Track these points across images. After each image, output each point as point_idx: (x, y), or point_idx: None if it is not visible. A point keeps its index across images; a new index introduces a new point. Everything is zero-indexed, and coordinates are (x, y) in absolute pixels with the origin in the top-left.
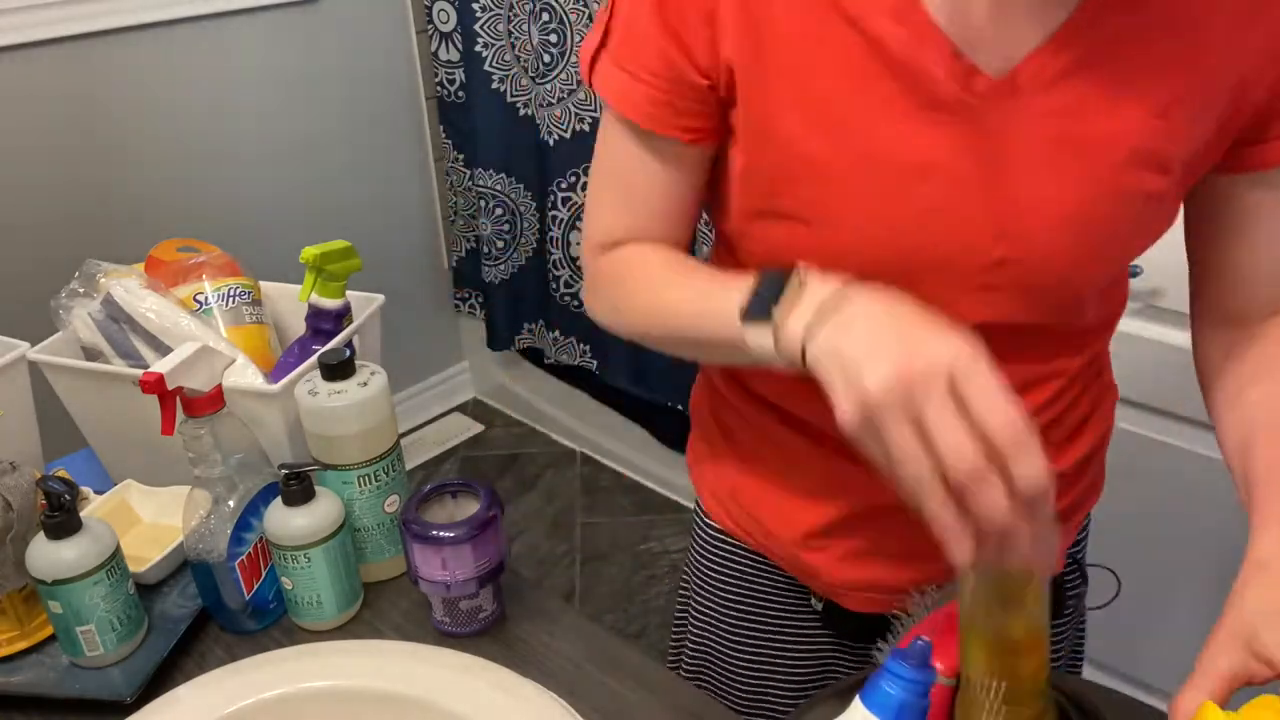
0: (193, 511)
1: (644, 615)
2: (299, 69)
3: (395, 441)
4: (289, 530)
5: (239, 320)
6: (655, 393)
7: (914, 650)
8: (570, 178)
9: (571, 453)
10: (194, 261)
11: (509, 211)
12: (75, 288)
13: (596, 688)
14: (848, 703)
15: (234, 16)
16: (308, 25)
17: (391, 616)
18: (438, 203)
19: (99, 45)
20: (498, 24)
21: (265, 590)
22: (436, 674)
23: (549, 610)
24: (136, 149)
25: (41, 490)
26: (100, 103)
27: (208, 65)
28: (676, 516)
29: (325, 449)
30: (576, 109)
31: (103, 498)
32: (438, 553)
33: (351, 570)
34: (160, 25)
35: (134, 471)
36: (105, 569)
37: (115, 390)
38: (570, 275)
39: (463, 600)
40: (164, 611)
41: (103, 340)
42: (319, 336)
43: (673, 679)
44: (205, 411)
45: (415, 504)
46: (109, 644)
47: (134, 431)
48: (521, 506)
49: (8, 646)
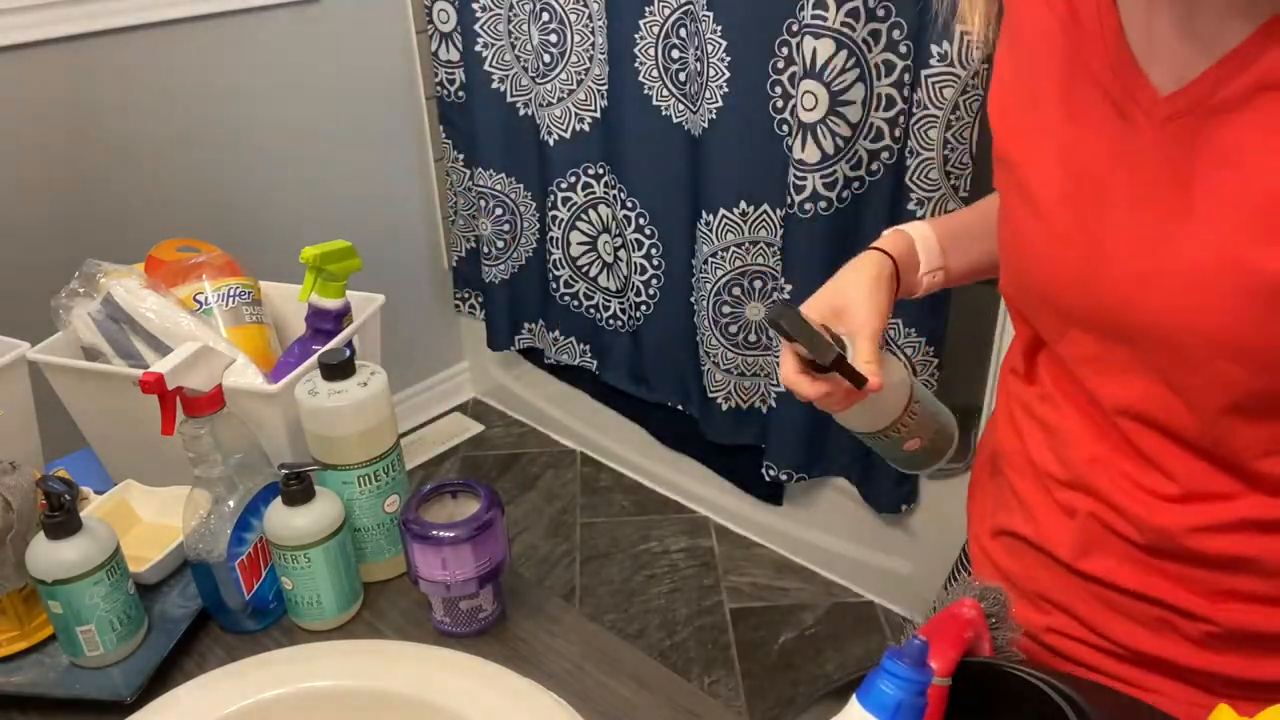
0: (193, 511)
1: (644, 615)
2: (299, 69)
3: (395, 441)
4: (289, 530)
5: (239, 320)
6: (655, 393)
7: (910, 649)
8: (570, 178)
9: (571, 452)
10: (194, 261)
11: (509, 211)
12: (75, 288)
13: (596, 688)
14: (844, 702)
15: (234, 16)
16: (308, 25)
17: (391, 616)
18: (438, 203)
19: (99, 45)
20: (498, 24)
21: (265, 590)
22: (436, 674)
23: (549, 610)
24: (136, 149)
25: (41, 490)
26: (100, 103)
27: (208, 65)
28: (676, 516)
29: (325, 449)
30: (576, 109)
31: (103, 498)
32: (438, 553)
33: (351, 570)
34: (160, 25)
35: (134, 471)
36: (105, 569)
37: (115, 390)
38: (570, 275)
39: (463, 600)
40: (164, 611)
41: (103, 340)
42: (319, 336)
43: (672, 679)
44: (205, 411)
45: (415, 504)
46: (109, 644)
47: (134, 431)
48: (521, 506)
49: (8, 646)
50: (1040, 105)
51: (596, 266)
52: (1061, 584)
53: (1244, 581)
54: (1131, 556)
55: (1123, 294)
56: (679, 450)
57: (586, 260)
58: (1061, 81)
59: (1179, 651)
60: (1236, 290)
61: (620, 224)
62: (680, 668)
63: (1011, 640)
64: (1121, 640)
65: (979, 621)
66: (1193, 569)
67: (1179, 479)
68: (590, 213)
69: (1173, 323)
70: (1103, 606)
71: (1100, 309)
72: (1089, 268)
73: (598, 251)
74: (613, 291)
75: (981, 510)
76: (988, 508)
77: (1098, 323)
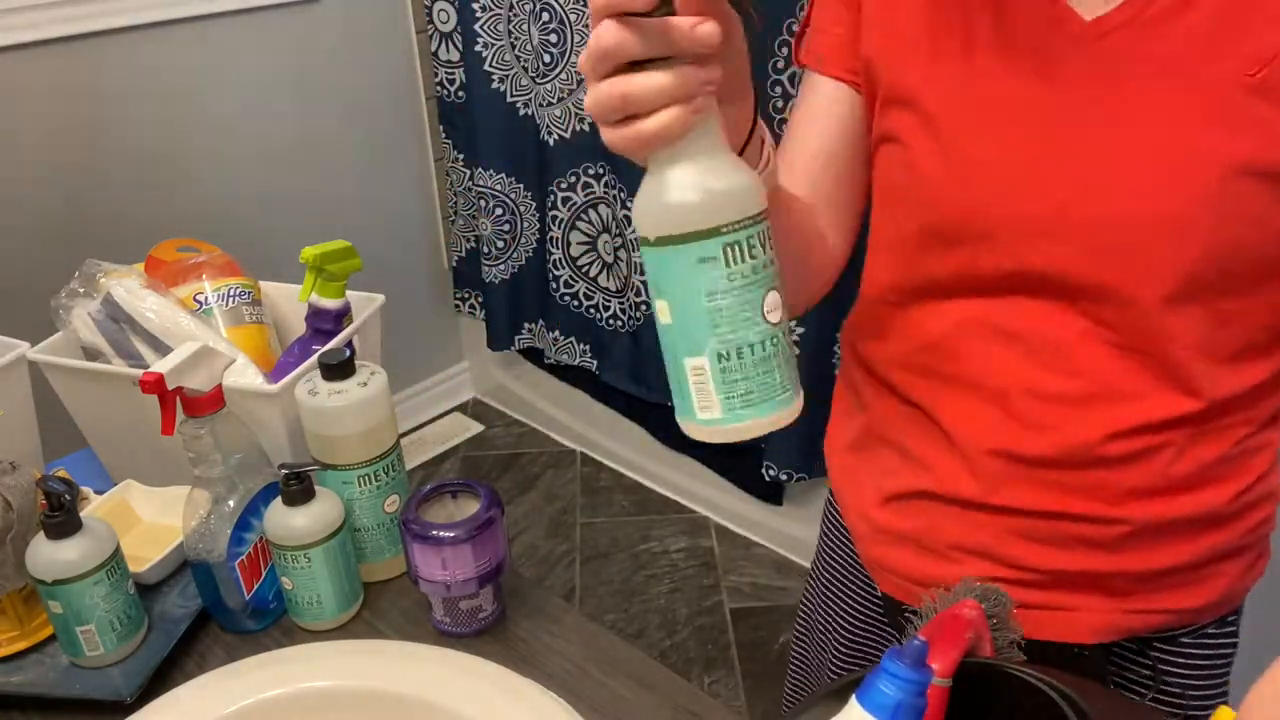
0: (193, 511)
1: (644, 615)
2: (299, 69)
3: (395, 441)
4: (289, 530)
5: (239, 320)
6: (655, 392)
7: (910, 650)
8: (570, 177)
9: (571, 452)
10: (194, 261)
11: (509, 211)
12: (75, 288)
13: (596, 688)
14: (844, 702)
15: (234, 16)
16: (308, 25)
17: (391, 616)
18: (438, 203)
19: (99, 45)
20: (498, 24)
21: (265, 590)
22: (436, 674)
23: (549, 610)
24: (136, 149)
25: (41, 490)
26: (100, 102)
27: (208, 65)
28: (676, 516)
29: (325, 449)
30: (576, 109)
31: (103, 498)
32: (438, 553)
33: (351, 570)
34: (160, 25)
35: (134, 471)
36: (105, 569)
37: (115, 390)
38: (570, 275)
39: (463, 600)
40: (164, 611)
41: (103, 340)
42: (319, 336)
43: (672, 679)
44: (205, 411)
45: (415, 504)
46: (109, 644)
47: (134, 431)
48: (521, 506)
49: (8, 646)
50: (946, 43)
51: (596, 266)
52: (972, 526)
53: (1145, 477)
54: (1041, 478)
55: (1062, 198)
56: (679, 450)
57: (586, 260)
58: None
59: (1090, 561)
60: (1191, 180)
61: (620, 224)
62: (680, 668)
63: (1013, 641)
64: (1035, 564)
65: (980, 622)
66: (1101, 475)
67: (1090, 376)
68: (590, 213)
69: (1123, 214)
70: (1015, 537)
71: (1032, 217)
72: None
73: (598, 251)
74: (613, 291)
75: (859, 488)
76: (869, 483)
77: (1026, 230)
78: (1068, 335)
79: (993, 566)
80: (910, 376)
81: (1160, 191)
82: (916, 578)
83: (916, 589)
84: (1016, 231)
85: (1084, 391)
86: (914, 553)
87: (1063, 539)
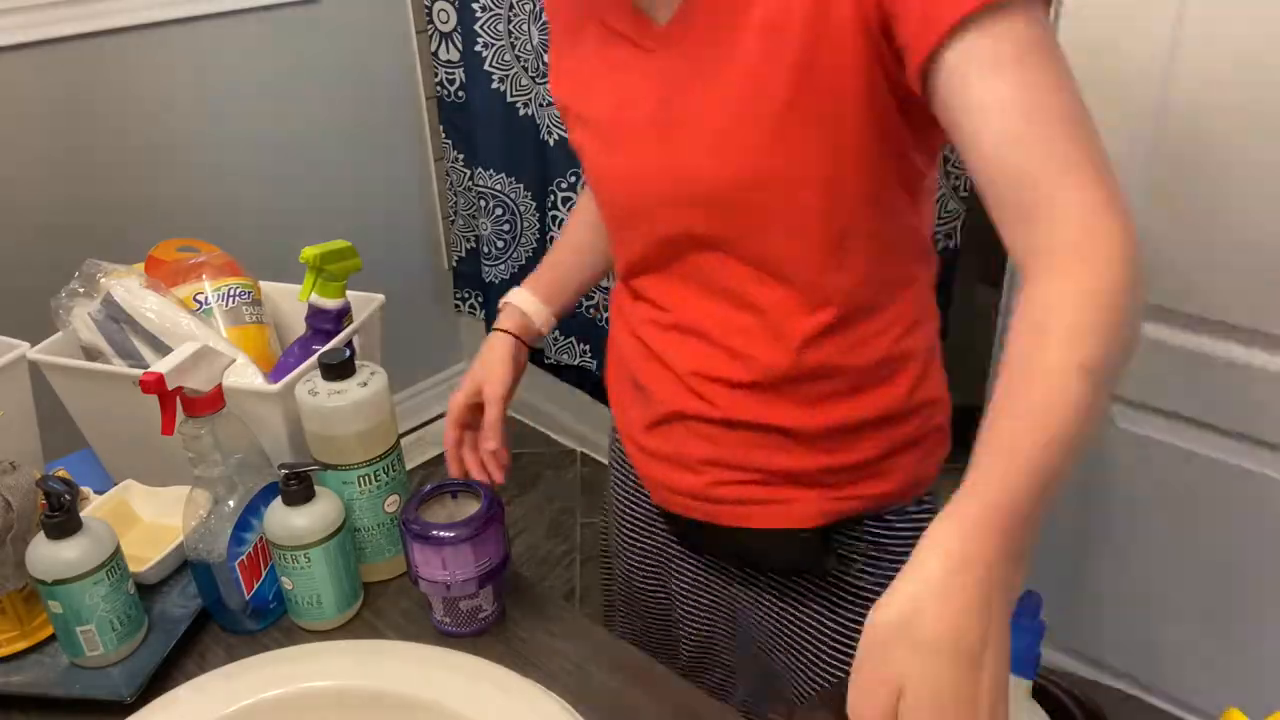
0: (193, 511)
1: None
2: (299, 69)
3: (395, 441)
4: (289, 530)
5: (239, 320)
6: None
7: None
8: (570, 177)
9: (571, 452)
10: (194, 261)
11: (509, 211)
12: (75, 288)
13: (597, 688)
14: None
15: (233, 16)
16: (308, 25)
17: (391, 616)
18: (438, 203)
19: (98, 45)
20: (498, 24)
21: (265, 590)
22: (437, 674)
23: (549, 610)
24: (136, 149)
25: (41, 490)
26: (100, 103)
27: (207, 65)
28: None
29: (325, 449)
30: None
31: (103, 498)
32: (438, 553)
33: (351, 570)
34: (159, 25)
35: (134, 471)
36: (105, 569)
37: (115, 390)
38: None
39: (463, 600)
40: (164, 611)
41: (103, 340)
42: (319, 336)
43: (672, 677)
44: (205, 411)
45: (415, 504)
46: (109, 644)
47: (134, 431)
48: (521, 506)
49: (8, 646)
50: (581, 56)
51: None
52: (715, 441)
53: (830, 385)
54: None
55: (693, 167)
56: None
57: None
58: (590, 31)
59: (794, 460)
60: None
61: None
62: None
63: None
64: (761, 465)
65: None
66: (795, 388)
67: (768, 312)
68: None
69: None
70: (747, 447)
71: (681, 182)
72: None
73: None
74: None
75: (629, 417)
76: (636, 414)
77: (686, 199)
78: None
79: (733, 473)
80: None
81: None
82: (676, 488)
83: (677, 498)
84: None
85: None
86: (677, 467)
87: (779, 442)
